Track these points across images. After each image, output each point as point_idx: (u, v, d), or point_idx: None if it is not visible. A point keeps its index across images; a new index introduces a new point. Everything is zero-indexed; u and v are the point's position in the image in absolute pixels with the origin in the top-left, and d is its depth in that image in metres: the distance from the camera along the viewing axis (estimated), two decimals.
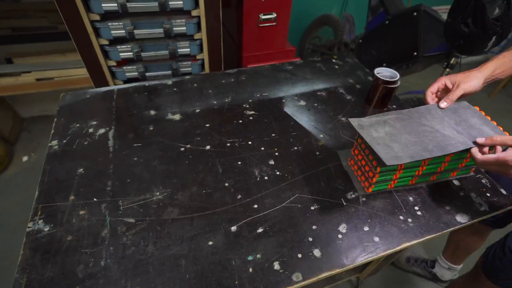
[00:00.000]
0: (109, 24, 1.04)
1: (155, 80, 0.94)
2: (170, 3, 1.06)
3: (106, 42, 1.09)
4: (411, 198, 0.65)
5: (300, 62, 1.08)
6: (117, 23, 1.05)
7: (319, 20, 2.27)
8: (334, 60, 1.10)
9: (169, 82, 0.94)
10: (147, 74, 1.21)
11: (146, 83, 0.93)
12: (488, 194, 0.67)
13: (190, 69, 1.25)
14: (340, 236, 0.58)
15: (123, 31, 1.07)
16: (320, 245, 0.56)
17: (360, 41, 1.72)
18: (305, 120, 0.83)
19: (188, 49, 1.19)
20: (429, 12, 1.33)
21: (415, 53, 1.41)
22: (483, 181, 0.70)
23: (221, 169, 0.69)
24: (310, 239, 0.57)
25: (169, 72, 1.24)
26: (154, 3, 1.05)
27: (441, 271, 1.22)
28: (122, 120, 0.80)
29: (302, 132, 0.79)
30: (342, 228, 0.59)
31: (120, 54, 1.12)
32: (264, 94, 0.92)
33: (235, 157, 0.72)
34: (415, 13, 1.35)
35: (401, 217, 0.61)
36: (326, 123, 0.83)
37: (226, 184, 0.66)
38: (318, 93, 0.94)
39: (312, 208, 0.62)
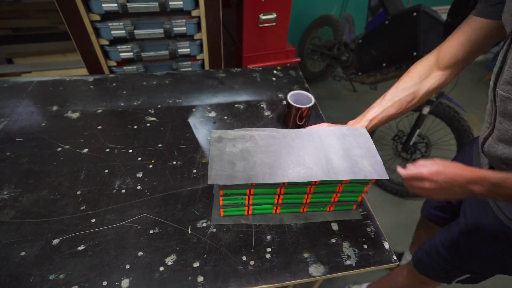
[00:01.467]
0: (109, 24, 1.05)
1: (77, 76, 0.93)
2: (170, 3, 1.06)
3: (107, 42, 1.10)
4: (268, 237, 0.57)
5: (237, 70, 1.02)
6: (117, 23, 1.06)
7: (319, 20, 2.24)
8: (275, 72, 1.02)
9: (91, 78, 0.93)
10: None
11: (67, 78, 0.93)
12: (366, 246, 0.57)
13: (190, 69, 1.25)
14: (162, 268, 0.52)
15: (123, 31, 1.08)
16: (134, 275, 0.50)
17: (360, 41, 1.68)
18: (203, 133, 0.78)
19: (188, 49, 1.19)
20: (428, 12, 1.30)
21: (415, 53, 1.37)
22: (369, 229, 0.59)
23: (83, 175, 0.66)
24: (128, 266, 0.52)
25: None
26: (154, 4, 1.05)
27: None
28: (20, 114, 0.80)
29: (192, 146, 0.74)
30: (170, 259, 0.53)
31: (121, 54, 1.13)
32: (177, 100, 0.87)
33: (105, 164, 0.68)
34: (414, 13, 1.32)
35: (244, 258, 0.54)
36: None
37: (79, 192, 0.62)
38: (236, 105, 0.87)
39: (151, 231, 0.57)
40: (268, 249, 0.55)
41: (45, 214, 0.58)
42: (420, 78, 0.63)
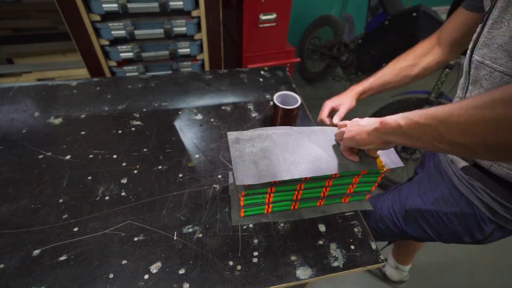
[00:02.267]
0: (109, 24, 1.05)
1: (59, 81, 0.91)
2: (170, 3, 1.06)
3: (107, 43, 1.10)
4: (256, 241, 0.56)
5: (223, 71, 1.01)
6: (118, 24, 1.06)
7: (319, 21, 2.25)
8: (262, 72, 1.02)
9: (74, 83, 0.91)
10: (147, 74, 1.21)
11: (49, 83, 0.91)
12: (353, 247, 0.57)
13: (190, 69, 1.25)
14: (146, 276, 0.51)
15: (124, 32, 1.07)
16: (118, 284, 0.49)
17: (360, 41, 1.69)
18: (190, 136, 0.77)
19: (188, 50, 1.19)
20: (428, 13, 1.31)
21: None
22: (356, 229, 0.59)
23: (66, 182, 0.64)
24: (111, 275, 0.50)
25: (170, 72, 1.24)
26: (155, 4, 1.04)
27: (389, 271, 1.22)
28: (0, 121, 0.78)
29: (178, 150, 0.73)
30: (154, 267, 0.52)
31: (121, 54, 1.13)
32: (163, 103, 0.86)
33: (89, 171, 0.67)
34: (414, 14, 1.33)
35: (231, 263, 0.53)
36: (211, 142, 0.75)
37: (61, 201, 0.61)
38: (223, 107, 0.86)
39: (136, 239, 0.55)
40: (255, 253, 0.55)
41: (26, 224, 0.57)
42: (421, 54, 0.71)
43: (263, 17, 1.36)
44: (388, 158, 0.56)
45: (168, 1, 1.04)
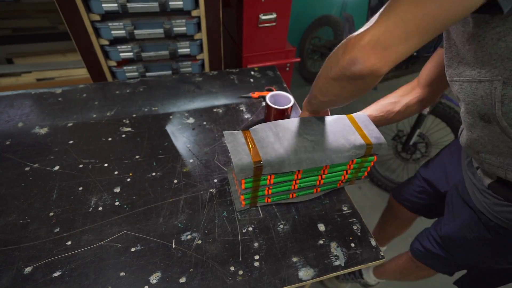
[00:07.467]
0: (109, 24, 1.04)
1: (44, 88, 0.88)
2: (170, 3, 1.04)
3: (107, 42, 1.08)
4: (256, 244, 0.56)
5: (213, 73, 1.00)
6: (118, 23, 1.05)
7: (319, 21, 2.24)
8: (252, 73, 1.01)
9: (59, 90, 0.88)
10: (147, 74, 1.20)
11: (32, 91, 0.87)
12: (353, 245, 0.57)
13: (190, 69, 1.24)
14: (146, 287, 0.49)
15: (124, 31, 1.06)
16: None
17: None
18: (183, 140, 0.75)
19: (188, 49, 1.18)
20: None
21: (415, 53, 1.38)
22: (355, 227, 0.60)
23: (56, 195, 0.62)
24: None
25: (170, 72, 1.23)
26: (154, 4, 1.03)
27: (367, 273, 1.18)
28: None
29: (171, 155, 0.71)
30: (154, 277, 0.50)
31: (121, 54, 1.12)
32: (153, 108, 0.84)
33: (79, 181, 0.64)
34: None
35: (232, 268, 0.52)
36: (205, 146, 0.74)
37: (51, 214, 0.58)
38: (215, 110, 0.85)
39: (133, 249, 0.54)
40: (256, 257, 0.54)
41: (15, 241, 0.54)
42: (403, 93, 0.72)
43: (263, 17, 1.35)
44: (369, 131, 0.59)
45: (168, 0, 1.04)
